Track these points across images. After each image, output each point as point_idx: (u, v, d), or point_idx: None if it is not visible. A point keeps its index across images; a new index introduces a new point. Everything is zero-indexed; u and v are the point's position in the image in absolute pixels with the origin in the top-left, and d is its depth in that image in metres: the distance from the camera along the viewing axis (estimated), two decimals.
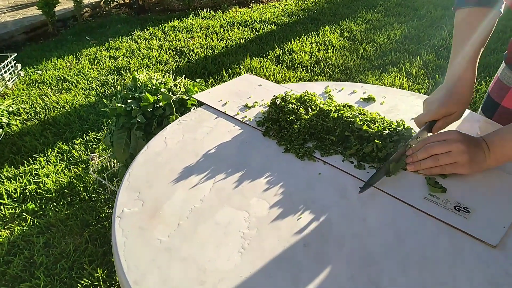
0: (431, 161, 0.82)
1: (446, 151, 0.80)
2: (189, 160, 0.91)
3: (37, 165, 2.29)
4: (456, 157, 0.80)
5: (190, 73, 3.31)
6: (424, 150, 0.83)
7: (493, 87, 1.14)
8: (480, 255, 0.67)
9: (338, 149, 0.93)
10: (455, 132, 0.82)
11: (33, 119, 2.75)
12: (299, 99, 1.05)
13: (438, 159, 0.81)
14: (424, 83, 3.02)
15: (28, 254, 1.74)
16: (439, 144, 0.81)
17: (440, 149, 0.81)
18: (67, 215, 1.94)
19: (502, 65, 1.12)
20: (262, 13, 4.68)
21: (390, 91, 1.20)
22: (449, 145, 0.80)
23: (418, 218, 0.74)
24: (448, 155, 0.80)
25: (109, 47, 3.90)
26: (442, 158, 0.81)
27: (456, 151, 0.79)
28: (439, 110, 0.90)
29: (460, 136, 0.81)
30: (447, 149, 0.80)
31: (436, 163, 0.81)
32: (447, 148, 0.80)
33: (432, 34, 3.86)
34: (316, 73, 3.26)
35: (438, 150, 0.81)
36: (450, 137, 0.81)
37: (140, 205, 0.78)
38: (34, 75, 3.37)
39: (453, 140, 0.80)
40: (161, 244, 0.70)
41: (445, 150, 0.80)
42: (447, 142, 0.81)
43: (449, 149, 0.80)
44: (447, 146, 0.80)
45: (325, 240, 0.70)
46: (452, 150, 0.80)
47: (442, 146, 0.81)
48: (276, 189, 0.81)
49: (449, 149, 0.80)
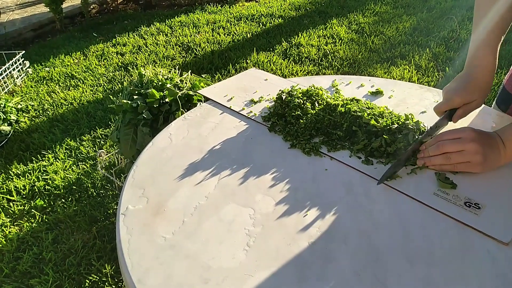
0: (442, 159, 0.79)
1: (459, 149, 0.78)
2: (194, 156, 0.90)
3: (45, 162, 2.31)
4: (469, 157, 0.77)
5: (197, 68, 3.30)
6: (436, 147, 0.80)
7: (509, 80, 1.10)
8: (490, 252, 0.65)
9: (346, 144, 0.91)
10: (470, 130, 0.79)
11: (41, 116, 2.77)
12: (305, 93, 1.03)
13: (450, 158, 0.78)
14: (433, 76, 2.97)
15: (37, 250, 1.75)
16: (452, 143, 0.79)
17: (453, 147, 0.78)
18: (75, 211, 1.95)
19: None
20: (269, 7, 4.64)
21: (399, 84, 1.17)
22: (463, 144, 0.77)
23: (426, 214, 0.73)
24: (460, 154, 0.77)
25: (116, 43, 3.91)
26: (454, 157, 0.78)
27: (469, 150, 0.77)
28: (458, 99, 0.87)
29: (475, 134, 0.78)
30: (460, 148, 0.77)
31: (447, 161, 0.79)
32: (460, 147, 0.77)
33: (442, 26, 3.79)
34: (323, 66, 3.23)
35: (451, 148, 0.78)
36: (464, 135, 0.78)
37: (145, 202, 0.78)
38: (42, 72, 3.39)
39: (467, 139, 0.77)
40: (165, 242, 0.69)
41: (458, 149, 0.78)
42: (461, 140, 0.78)
43: (462, 148, 0.77)
44: (461, 145, 0.77)
45: (331, 237, 0.69)
46: (465, 149, 0.77)
47: (455, 144, 0.78)
48: (281, 185, 0.80)
49: (462, 148, 0.77)
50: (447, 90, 0.91)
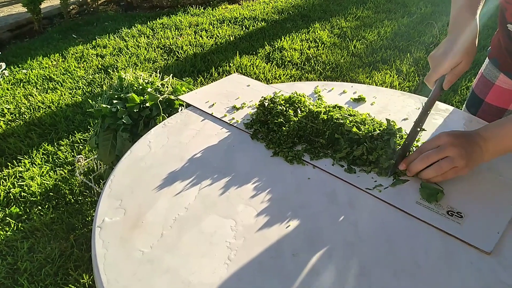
0: (433, 171, 0.78)
1: (443, 157, 0.77)
2: (174, 165, 0.87)
3: (21, 168, 2.23)
4: (455, 162, 0.76)
5: (179, 71, 3.26)
6: (421, 160, 0.79)
7: (477, 83, 1.12)
8: (473, 261, 0.65)
9: (328, 152, 0.90)
10: (445, 135, 0.79)
11: (18, 120, 2.68)
12: (288, 100, 1.02)
13: (441, 167, 0.77)
14: (415, 81, 3.01)
15: (12, 260, 1.69)
16: (434, 152, 0.78)
17: (436, 156, 0.78)
18: (52, 219, 1.89)
19: (485, 61, 1.11)
20: (252, 10, 4.63)
21: (381, 91, 1.17)
22: (444, 151, 0.77)
23: (410, 224, 0.72)
24: (446, 160, 0.77)
25: (96, 45, 3.83)
26: (444, 165, 0.77)
27: (453, 155, 0.76)
28: (446, 63, 0.84)
29: (452, 138, 0.78)
30: (443, 155, 0.77)
31: (440, 171, 0.77)
32: (443, 154, 0.77)
33: (423, 31, 3.85)
34: (306, 71, 3.23)
35: (435, 157, 0.78)
36: (441, 141, 0.78)
37: (122, 214, 0.75)
38: (19, 74, 3.29)
39: (446, 145, 0.77)
40: (143, 256, 0.66)
41: (441, 156, 0.77)
42: (442, 148, 0.77)
43: (446, 155, 0.77)
44: (443, 152, 0.77)
45: (314, 248, 0.67)
46: (449, 155, 0.77)
47: (437, 153, 0.78)
48: (264, 195, 0.78)
49: (445, 154, 0.77)
50: (433, 57, 0.88)
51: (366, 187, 0.80)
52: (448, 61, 0.84)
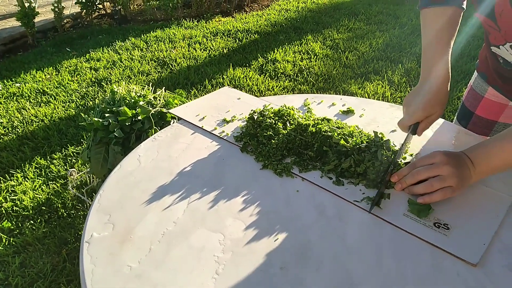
0: (423, 188, 0.78)
1: (434, 175, 0.77)
2: (163, 179, 0.87)
3: (13, 182, 2.22)
4: (447, 181, 0.76)
5: (172, 84, 3.27)
6: (412, 176, 0.80)
7: (467, 96, 1.14)
8: (460, 273, 0.65)
9: (317, 164, 0.91)
10: (440, 154, 0.79)
11: (11, 134, 2.68)
12: (277, 113, 1.03)
13: (432, 185, 0.77)
14: (406, 91, 3.04)
15: (3, 275, 1.67)
16: (427, 169, 0.78)
17: (428, 173, 0.78)
18: (44, 233, 1.87)
19: (474, 74, 1.13)
20: (245, 23, 4.68)
21: (370, 103, 1.19)
22: (437, 169, 0.77)
23: (397, 236, 0.72)
24: (437, 179, 0.77)
25: (90, 58, 3.85)
26: (435, 183, 0.77)
27: (446, 174, 0.76)
28: (421, 113, 0.89)
29: (446, 157, 0.78)
30: (436, 173, 0.77)
31: (429, 189, 0.77)
32: (435, 172, 0.77)
33: (414, 42, 3.90)
34: (299, 82, 3.26)
35: (426, 174, 0.78)
36: (436, 160, 0.79)
37: (111, 229, 0.75)
38: (12, 88, 3.29)
39: (440, 164, 0.77)
40: (131, 271, 0.66)
41: (433, 174, 0.77)
42: (435, 166, 0.78)
43: (438, 173, 0.77)
44: (435, 170, 0.77)
45: (303, 261, 0.67)
46: (441, 174, 0.77)
47: (429, 170, 0.78)
48: (252, 209, 0.79)
49: (438, 173, 0.77)
50: (408, 104, 0.93)
51: (354, 199, 0.81)
52: (423, 112, 0.89)
